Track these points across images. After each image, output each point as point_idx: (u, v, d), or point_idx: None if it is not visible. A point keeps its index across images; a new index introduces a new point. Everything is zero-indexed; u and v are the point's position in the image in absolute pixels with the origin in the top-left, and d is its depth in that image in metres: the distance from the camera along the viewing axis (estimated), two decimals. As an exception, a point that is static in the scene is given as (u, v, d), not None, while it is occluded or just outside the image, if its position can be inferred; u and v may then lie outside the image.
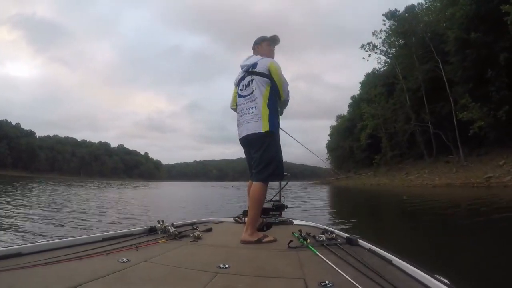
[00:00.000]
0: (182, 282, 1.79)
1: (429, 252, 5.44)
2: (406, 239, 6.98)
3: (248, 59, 3.47)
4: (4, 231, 7.41)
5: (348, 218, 10.58)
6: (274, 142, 3.26)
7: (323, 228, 3.33)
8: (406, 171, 41.47)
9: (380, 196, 23.70)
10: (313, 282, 1.71)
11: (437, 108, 37.68)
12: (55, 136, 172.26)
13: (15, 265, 1.83)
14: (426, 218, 10.54)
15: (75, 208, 13.46)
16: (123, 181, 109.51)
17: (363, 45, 49.85)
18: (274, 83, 3.28)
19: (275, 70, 3.28)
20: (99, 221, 10.02)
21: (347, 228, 7.88)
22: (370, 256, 2.33)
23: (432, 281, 1.62)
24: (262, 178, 3.17)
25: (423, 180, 33.33)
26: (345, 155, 73.69)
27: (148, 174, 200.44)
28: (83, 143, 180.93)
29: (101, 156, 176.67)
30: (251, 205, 3.14)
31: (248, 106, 3.27)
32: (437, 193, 21.93)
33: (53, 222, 9.35)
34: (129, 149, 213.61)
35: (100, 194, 25.81)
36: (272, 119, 3.20)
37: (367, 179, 50.15)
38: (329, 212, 13.47)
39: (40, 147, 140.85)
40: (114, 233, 2.97)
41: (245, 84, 3.36)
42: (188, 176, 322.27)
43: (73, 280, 1.64)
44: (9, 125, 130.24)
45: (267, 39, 3.61)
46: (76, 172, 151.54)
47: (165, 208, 16.57)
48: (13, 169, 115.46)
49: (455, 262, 4.72)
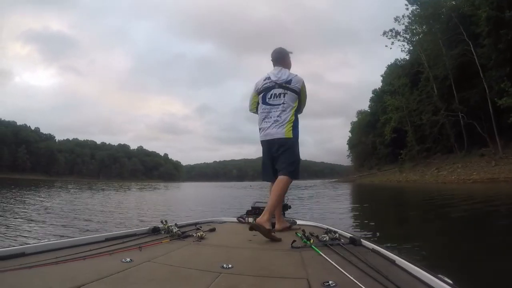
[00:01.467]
0: (185, 282, 1.78)
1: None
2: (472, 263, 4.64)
3: (279, 72, 3.73)
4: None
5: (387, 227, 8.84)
6: (296, 146, 3.70)
7: (326, 228, 3.31)
8: (436, 166, 38.26)
9: (416, 194, 20.95)
10: (316, 282, 1.71)
11: (469, 96, 34.48)
12: (74, 139, 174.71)
13: (18, 265, 1.84)
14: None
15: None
16: (142, 182, 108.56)
17: (385, 32, 46.52)
18: (299, 99, 3.72)
19: (304, 90, 3.75)
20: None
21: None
22: (374, 256, 2.32)
23: (435, 281, 1.59)
24: (288, 172, 3.50)
25: (459, 175, 30.21)
26: (368, 151, 71.95)
27: (167, 175, 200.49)
28: (103, 146, 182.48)
29: (120, 158, 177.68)
30: (273, 194, 3.38)
31: (275, 114, 3.64)
32: (481, 190, 19.19)
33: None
34: (149, 151, 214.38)
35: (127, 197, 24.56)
36: (296, 130, 3.66)
37: (392, 175, 47.96)
38: (362, 218, 11.00)
39: (59, 151, 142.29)
40: (118, 233, 2.97)
41: (276, 94, 3.67)
42: (208, 176, 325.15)
43: (76, 280, 1.64)
44: (28, 129, 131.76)
45: (289, 52, 3.92)
46: (95, 174, 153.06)
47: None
48: (32, 173, 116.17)
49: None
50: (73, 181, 79.81)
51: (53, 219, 9.71)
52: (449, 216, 9.54)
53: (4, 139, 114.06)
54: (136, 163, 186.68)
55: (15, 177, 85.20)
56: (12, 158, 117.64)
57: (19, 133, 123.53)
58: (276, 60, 3.83)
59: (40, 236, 6.88)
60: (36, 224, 8.91)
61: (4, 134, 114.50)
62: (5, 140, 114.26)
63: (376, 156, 67.94)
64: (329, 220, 8.59)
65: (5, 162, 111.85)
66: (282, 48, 3.90)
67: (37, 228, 8.25)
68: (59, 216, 10.69)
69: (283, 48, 3.90)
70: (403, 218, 10.50)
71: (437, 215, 10.24)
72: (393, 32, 45.99)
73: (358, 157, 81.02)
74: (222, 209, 14.06)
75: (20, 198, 18.09)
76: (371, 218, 10.06)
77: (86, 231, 7.75)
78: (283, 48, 3.90)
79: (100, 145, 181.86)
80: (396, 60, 59.86)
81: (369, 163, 71.80)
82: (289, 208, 4.47)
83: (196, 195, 30.39)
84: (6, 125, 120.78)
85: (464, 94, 35.16)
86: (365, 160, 74.88)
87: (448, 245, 5.99)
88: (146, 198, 24.55)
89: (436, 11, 39.72)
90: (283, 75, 3.68)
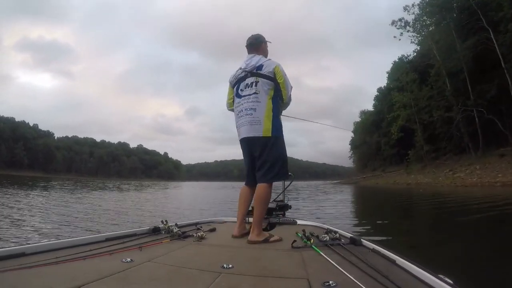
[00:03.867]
0: (185, 282, 1.80)
1: None
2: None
3: (250, 59, 3.39)
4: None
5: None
6: (278, 143, 3.27)
7: (327, 228, 3.27)
8: (449, 167, 35.09)
9: (447, 201, 15.63)
10: (316, 282, 1.72)
11: (489, 89, 31.16)
12: (74, 136, 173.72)
13: (19, 265, 1.84)
14: None
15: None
16: (140, 181, 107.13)
17: (393, 21, 42.90)
18: (278, 86, 3.29)
19: (280, 73, 3.28)
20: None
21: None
22: (374, 256, 2.32)
23: (436, 281, 1.61)
24: (267, 179, 3.20)
25: (480, 177, 26.99)
26: (371, 152, 70.53)
27: (167, 174, 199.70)
28: (102, 144, 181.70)
29: (120, 157, 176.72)
30: (257, 206, 3.17)
31: (248, 106, 3.27)
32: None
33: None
34: (148, 149, 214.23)
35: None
36: (276, 123, 3.25)
37: (399, 177, 45.20)
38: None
39: (57, 148, 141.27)
40: (118, 233, 2.98)
41: (248, 84, 3.33)
42: (208, 176, 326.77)
43: (76, 280, 1.65)
44: (26, 126, 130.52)
45: (265, 40, 3.57)
46: (93, 172, 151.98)
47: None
48: (30, 170, 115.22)
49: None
50: (70, 179, 78.12)
51: (30, 223, 8.78)
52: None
53: (2, 135, 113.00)
54: (135, 162, 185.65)
55: (11, 174, 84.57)
56: (10, 155, 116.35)
57: (17, 129, 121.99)
58: (249, 46, 3.48)
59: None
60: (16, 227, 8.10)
61: (2, 130, 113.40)
62: (2, 136, 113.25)
63: (380, 157, 66.42)
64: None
65: (2, 158, 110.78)
66: (259, 34, 3.52)
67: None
68: (34, 220, 9.54)
69: (260, 34, 3.52)
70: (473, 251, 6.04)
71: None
72: (402, 22, 42.54)
73: (361, 158, 79.37)
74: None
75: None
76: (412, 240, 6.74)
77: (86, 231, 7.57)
78: (260, 34, 3.52)
79: (100, 143, 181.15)
80: (402, 56, 57.28)
81: (372, 164, 70.53)
82: (289, 208, 4.43)
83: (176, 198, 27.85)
84: (4, 121, 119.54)
85: (484, 86, 31.86)
86: (369, 161, 73.46)
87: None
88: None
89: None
90: (253, 61, 3.33)
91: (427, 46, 40.88)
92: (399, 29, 42.88)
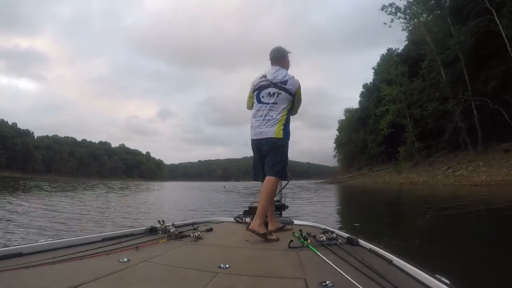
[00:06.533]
0: (182, 282, 1.78)
1: None
2: None
3: (276, 71, 3.50)
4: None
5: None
6: (285, 147, 3.44)
7: (324, 228, 3.25)
8: (446, 165, 32.13)
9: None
10: (313, 282, 1.70)
11: (493, 76, 27.99)
12: (54, 135, 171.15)
13: (15, 265, 1.84)
14: None
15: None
16: (122, 181, 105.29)
17: (384, 6, 40.17)
18: (293, 101, 3.46)
19: (300, 93, 3.50)
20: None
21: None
22: (371, 256, 2.30)
23: (432, 281, 1.60)
24: (275, 172, 3.31)
25: (490, 175, 23.58)
26: (357, 151, 69.44)
27: (149, 174, 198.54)
28: (83, 143, 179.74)
29: (101, 156, 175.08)
30: (263, 196, 3.24)
31: (268, 113, 3.39)
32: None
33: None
34: (131, 149, 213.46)
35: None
36: (286, 131, 3.42)
37: (388, 176, 42.77)
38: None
39: (36, 147, 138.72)
40: (115, 233, 2.94)
41: (270, 93, 3.45)
42: (192, 176, 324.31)
43: (73, 280, 1.65)
44: (5, 124, 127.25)
45: (287, 52, 3.67)
46: (74, 173, 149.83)
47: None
48: (7, 170, 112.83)
49: None
50: (46, 180, 74.18)
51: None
52: None
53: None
54: (117, 161, 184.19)
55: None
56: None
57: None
58: (274, 59, 3.61)
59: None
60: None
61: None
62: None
63: (366, 155, 65.19)
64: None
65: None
66: (281, 47, 3.67)
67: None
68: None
69: (282, 47, 3.67)
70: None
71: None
72: (392, 8, 39.74)
73: (346, 156, 78.08)
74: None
75: None
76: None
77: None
78: (282, 47, 3.67)
79: (81, 142, 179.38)
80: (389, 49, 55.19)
81: (358, 163, 69.78)
82: (286, 208, 4.53)
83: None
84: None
85: (488, 73, 28.59)
86: (354, 159, 72.49)
87: None
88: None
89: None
90: (280, 75, 3.48)
91: (420, 34, 38.07)
92: (389, 15, 40.17)
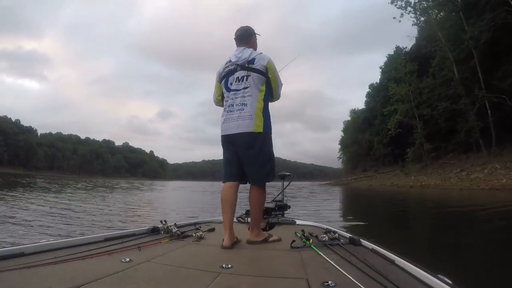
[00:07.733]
0: (184, 282, 1.79)
1: None
2: None
3: (241, 51, 3.11)
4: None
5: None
6: (268, 141, 3.07)
7: (326, 228, 3.25)
8: (458, 167, 30.30)
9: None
10: (315, 282, 1.71)
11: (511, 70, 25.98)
12: (58, 133, 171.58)
13: (18, 265, 1.84)
14: None
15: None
16: (126, 180, 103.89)
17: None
18: (269, 82, 3.09)
19: (272, 68, 3.09)
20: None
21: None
22: (373, 256, 2.31)
23: (435, 281, 1.60)
24: (260, 181, 3.02)
25: (511, 179, 21.53)
26: (362, 152, 67.06)
27: (152, 173, 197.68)
28: (86, 141, 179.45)
29: (104, 154, 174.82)
30: (254, 208, 3.05)
31: (239, 102, 3.00)
32: None
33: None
34: (134, 147, 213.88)
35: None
36: (266, 120, 3.03)
37: (396, 178, 40.80)
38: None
39: (39, 144, 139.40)
40: (117, 233, 2.96)
41: (238, 78, 3.05)
42: (195, 175, 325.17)
43: (75, 280, 1.65)
44: (8, 121, 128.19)
45: (255, 32, 3.31)
46: (76, 170, 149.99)
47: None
48: (10, 167, 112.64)
49: None
50: (50, 177, 75.05)
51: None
52: None
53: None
54: (120, 160, 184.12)
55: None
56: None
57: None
58: (239, 39, 3.21)
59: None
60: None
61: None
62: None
63: (372, 157, 62.97)
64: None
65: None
66: (249, 26, 3.28)
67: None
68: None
69: (249, 26, 3.28)
70: None
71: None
72: (402, 2, 37.48)
73: (351, 158, 75.74)
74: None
75: None
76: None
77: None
78: (249, 26, 3.28)
79: (84, 140, 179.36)
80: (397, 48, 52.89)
81: (363, 164, 67.17)
82: (288, 208, 4.38)
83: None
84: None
85: (506, 68, 26.62)
86: (359, 161, 69.96)
87: None
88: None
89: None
90: (245, 53, 3.06)
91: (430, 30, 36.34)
92: (399, 8, 37.89)
